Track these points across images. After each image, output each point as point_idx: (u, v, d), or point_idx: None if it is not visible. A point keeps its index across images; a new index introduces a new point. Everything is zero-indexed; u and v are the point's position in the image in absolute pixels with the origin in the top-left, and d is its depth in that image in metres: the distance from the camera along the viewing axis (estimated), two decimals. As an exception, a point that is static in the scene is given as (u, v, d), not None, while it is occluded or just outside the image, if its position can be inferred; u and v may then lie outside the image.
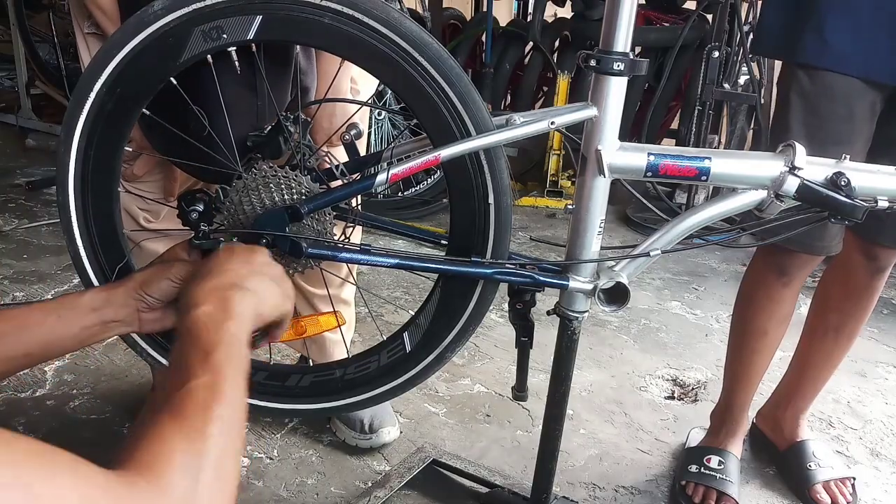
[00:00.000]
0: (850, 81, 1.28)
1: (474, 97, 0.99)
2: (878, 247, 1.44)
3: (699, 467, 1.56)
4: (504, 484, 1.45)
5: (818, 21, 1.27)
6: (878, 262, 1.46)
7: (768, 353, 1.57)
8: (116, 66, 1.00)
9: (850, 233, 1.42)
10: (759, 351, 1.56)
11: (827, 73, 1.29)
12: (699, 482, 1.54)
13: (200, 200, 1.05)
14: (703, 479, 1.54)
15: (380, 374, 1.14)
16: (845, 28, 1.26)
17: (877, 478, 1.66)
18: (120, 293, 0.95)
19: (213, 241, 1.03)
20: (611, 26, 0.98)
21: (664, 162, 1.01)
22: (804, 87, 1.31)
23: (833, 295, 1.56)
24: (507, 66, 3.85)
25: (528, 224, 3.33)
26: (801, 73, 1.32)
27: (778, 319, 1.53)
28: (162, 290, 0.96)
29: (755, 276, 1.53)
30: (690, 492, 1.53)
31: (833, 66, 1.28)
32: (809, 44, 1.29)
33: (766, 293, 1.51)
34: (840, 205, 1.00)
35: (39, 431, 1.65)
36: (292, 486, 1.53)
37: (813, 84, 1.30)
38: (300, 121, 1.07)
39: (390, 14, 0.95)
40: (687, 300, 2.56)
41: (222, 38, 0.98)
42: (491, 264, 1.05)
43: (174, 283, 0.96)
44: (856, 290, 1.51)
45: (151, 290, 0.95)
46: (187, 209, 1.05)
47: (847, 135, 1.30)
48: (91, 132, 1.04)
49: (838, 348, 1.58)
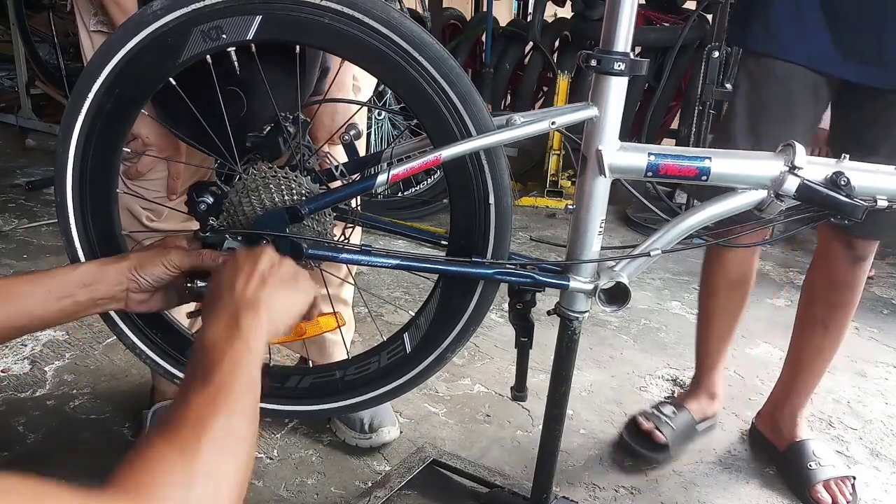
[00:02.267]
0: (790, 67, 1.40)
1: (475, 97, 0.98)
2: (854, 237, 1.48)
3: (655, 410, 1.74)
4: (504, 484, 1.45)
5: (764, 14, 1.41)
6: (856, 251, 1.50)
7: (722, 316, 1.70)
8: (115, 66, 1.00)
9: (829, 224, 1.45)
10: (712, 311, 1.71)
11: (769, 59, 1.43)
12: (648, 419, 1.70)
13: (212, 193, 1.05)
14: (652, 418, 1.71)
15: (380, 374, 1.14)
16: (788, 20, 1.38)
17: (877, 478, 1.66)
18: (112, 271, 0.95)
19: (217, 236, 1.03)
20: (611, 26, 0.98)
21: (664, 162, 1.01)
22: (751, 72, 1.47)
23: (817, 287, 1.60)
24: (507, 67, 3.85)
25: (529, 224, 3.33)
26: (750, 59, 1.48)
27: (728, 283, 1.65)
28: (155, 274, 0.96)
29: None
30: (638, 422, 1.70)
31: (774, 53, 1.41)
32: (755, 33, 1.43)
33: (713, 257, 1.67)
34: (840, 204, 1.00)
35: (39, 431, 1.64)
36: (292, 486, 1.53)
37: (758, 68, 1.45)
38: (300, 121, 1.07)
39: (390, 14, 0.95)
40: (687, 300, 2.56)
41: (222, 38, 0.98)
42: (491, 264, 1.05)
43: (168, 271, 0.96)
44: (838, 281, 1.55)
45: (145, 273, 0.96)
46: (197, 199, 1.04)
47: (784, 114, 1.44)
48: (89, 132, 1.03)
49: (828, 342, 1.61)
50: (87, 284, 0.93)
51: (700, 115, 3.19)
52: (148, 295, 0.98)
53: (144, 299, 0.99)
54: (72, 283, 0.92)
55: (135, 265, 0.96)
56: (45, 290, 0.90)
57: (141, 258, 0.97)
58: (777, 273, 2.86)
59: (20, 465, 1.54)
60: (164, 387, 1.58)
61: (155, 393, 1.63)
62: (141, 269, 0.96)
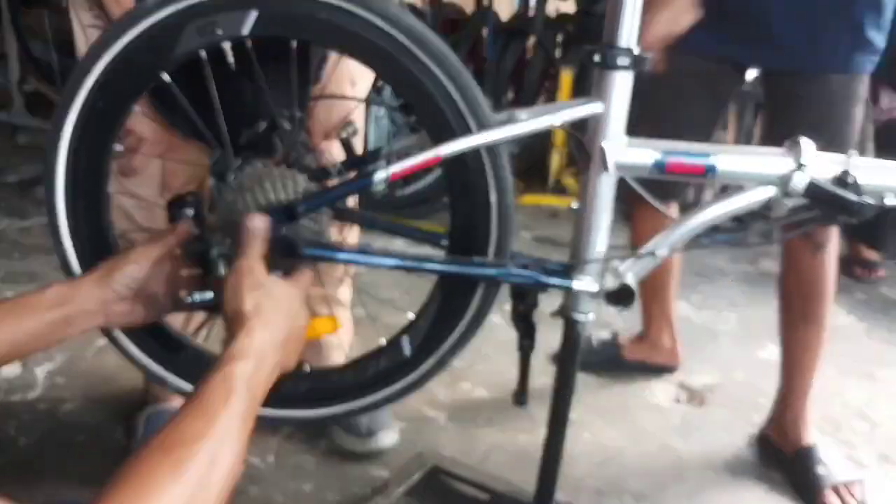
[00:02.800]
0: (683, 59, 1.47)
1: (475, 93, 0.96)
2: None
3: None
4: (506, 490, 1.43)
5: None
6: (813, 239, 1.52)
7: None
8: (108, 63, 0.98)
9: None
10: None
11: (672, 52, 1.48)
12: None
13: (191, 204, 1.02)
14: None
15: (378, 379, 1.11)
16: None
17: (886, 482, 1.64)
18: (84, 284, 0.92)
19: (203, 244, 0.99)
20: (614, 20, 0.96)
21: (671, 159, 0.99)
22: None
23: (790, 281, 1.62)
24: (509, 62, 3.82)
25: (531, 223, 3.29)
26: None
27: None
28: (128, 274, 0.92)
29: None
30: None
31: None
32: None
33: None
34: (848, 203, 0.98)
35: (31, 435, 1.62)
36: (289, 492, 1.50)
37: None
38: (296, 118, 1.05)
39: (389, 9, 0.93)
40: (693, 301, 2.52)
41: (216, 33, 0.96)
42: (493, 265, 1.02)
43: (140, 266, 0.93)
44: (805, 271, 1.57)
45: (118, 276, 0.92)
46: (177, 213, 1.01)
47: (672, 103, 1.54)
48: (81, 130, 1.01)
49: (813, 335, 1.62)
50: (60, 304, 0.88)
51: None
52: (129, 304, 0.94)
53: (126, 310, 0.94)
54: (41, 306, 0.88)
55: (104, 272, 0.92)
56: (14, 318, 0.86)
57: (109, 263, 0.93)
58: (782, 273, 2.83)
59: (11, 469, 1.52)
60: (156, 391, 1.56)
61: (147, 397, 1.60)
62: (111, 274, 0.92)
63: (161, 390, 1.48)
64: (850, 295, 2.62)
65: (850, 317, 2.44)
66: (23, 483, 1.44)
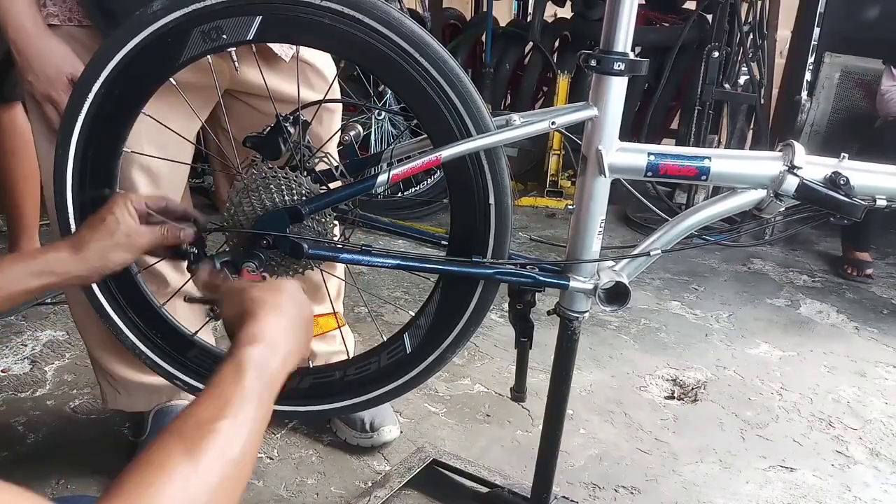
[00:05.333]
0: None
1: (475, 97, 0.99)
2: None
3: None
4: (504, 484, 1.45)
5: None
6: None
7: None
8: (115, 68, 1.00)
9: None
10: None
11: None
12: None
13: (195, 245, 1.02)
14: None
15: (380, 375, 1.14)
16: None
17: (876, 478, 1.66)
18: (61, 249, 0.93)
19: (205, 260, 1.01)
20: (611, 26, 0.98)
21: (664, 162, 1.01)
22: None
23: None
24: (508, 67, 3.84)
25: (528, 224, 3.33)
26: None
27: None
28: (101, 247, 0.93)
29: None
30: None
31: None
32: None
33: None
34: (839, 204, 1.01)
35: (39, 432, 1.64)
36: (292, 485, 1.53)
37: None
38: (300, 121, 1.07)
39: (390, 14, 0.95)
40: (687, 300, 2.56)
41: (222, 38, 0.98)
42: (491, 264, 1.05)
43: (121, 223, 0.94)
44: None
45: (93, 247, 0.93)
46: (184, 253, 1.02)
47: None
48: (89, 134, 1.03)
49: None
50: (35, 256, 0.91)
51: (700, 115, 3.20)
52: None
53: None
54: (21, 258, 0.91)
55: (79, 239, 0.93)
56: (24, 267, 0.89)
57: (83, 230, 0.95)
58: (777, 273, 2.85)
59: (20, 465, 1.54)
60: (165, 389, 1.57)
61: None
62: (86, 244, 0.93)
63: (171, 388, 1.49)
64: (840, 294, 2.66)
65: (841, 316, 2.47)
66: (32, 479, 1.46)
